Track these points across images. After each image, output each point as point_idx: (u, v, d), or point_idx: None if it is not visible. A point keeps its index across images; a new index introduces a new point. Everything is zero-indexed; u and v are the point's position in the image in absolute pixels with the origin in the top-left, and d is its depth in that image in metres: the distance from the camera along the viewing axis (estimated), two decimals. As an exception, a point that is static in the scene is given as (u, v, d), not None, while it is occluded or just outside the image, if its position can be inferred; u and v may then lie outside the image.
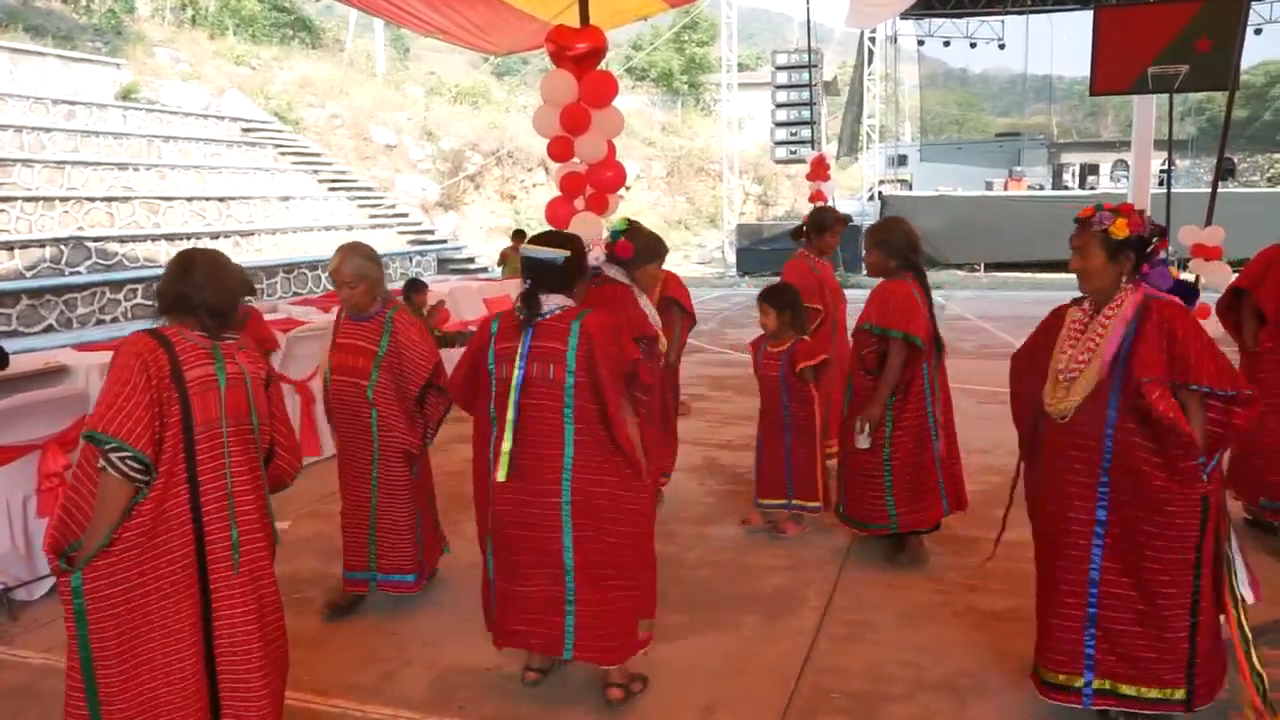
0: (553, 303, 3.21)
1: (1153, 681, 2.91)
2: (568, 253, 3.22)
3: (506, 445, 3.17)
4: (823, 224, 5.82)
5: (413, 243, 18.36)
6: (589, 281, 3.78)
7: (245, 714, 2.60)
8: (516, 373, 3.16)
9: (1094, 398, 2.90)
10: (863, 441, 4.32)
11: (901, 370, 4.28)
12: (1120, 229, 2.87)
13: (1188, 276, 5.79)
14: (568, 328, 3.14)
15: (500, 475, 3.19)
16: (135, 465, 2.43)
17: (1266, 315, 4.70)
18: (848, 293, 6.29)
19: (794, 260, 5.88)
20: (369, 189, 19.84)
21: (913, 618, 3.96)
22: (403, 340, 3.98)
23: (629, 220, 4.59)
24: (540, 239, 3.35)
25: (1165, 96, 16.03)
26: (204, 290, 2.59)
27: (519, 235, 13.76)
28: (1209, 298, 5.17)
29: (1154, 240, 2.92)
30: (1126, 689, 2.94)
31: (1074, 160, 28.02)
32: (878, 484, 4.40)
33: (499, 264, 14.32)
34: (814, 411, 4.85)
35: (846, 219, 6.01)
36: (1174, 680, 2.90)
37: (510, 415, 3.17)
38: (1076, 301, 3.11)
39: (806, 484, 4.89)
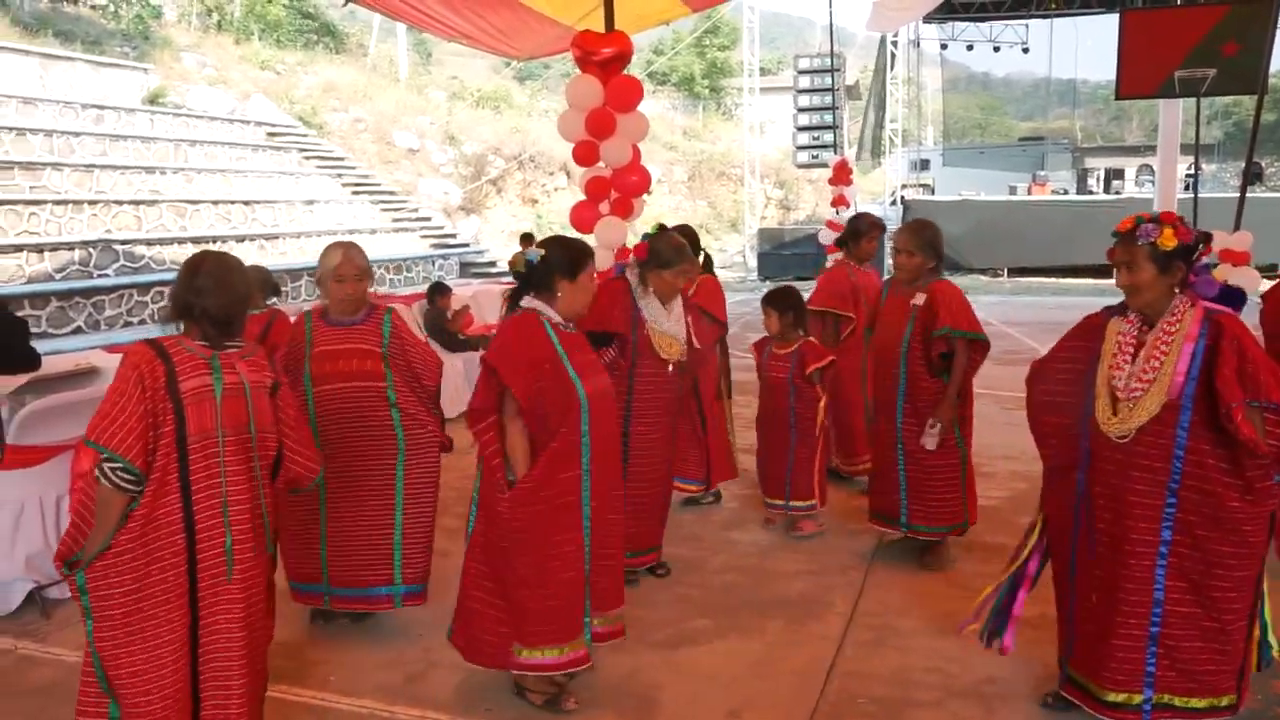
0: (524, 302, 3.28)
1: (1206, 692, 2.90)
2: (542, 252, 3.26)
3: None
4: (858, 231, 5.81)
5: (435, 246, 18.44)
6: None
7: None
8: None
9: (1160, 419, 2.82)
10: (930, 442, 4.32)
11: (970, 370, 4.37)
12: (1168, 239, 2.78)
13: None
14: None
15: None
16: (125, 475, 2.52)
17: None
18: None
19: (833, 268, 5.92)
20: (392, 193, 19.95)
21: (939, 624, 3.94)
22: (406, 338, 3.89)
23: (660, 225, 4.57)
24: (542, 242, 3.40)
25: (1192, 100, 15.94)
26: (206, 298, 2.64)
27: (527, 238, 13.63)
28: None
29: (1199, 247, 2.84)
30: (1179, 701, 2.93)
31: (1099, 165, 27.85)
32: (952, 485, 4.45)
33: (512, 268, 14.26)
34: (818, 413, 4.91)
35: (881, 224, 5.95)
36: (1227, 688, 2.91)
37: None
38: (1115, 312, 3.02)
39: (804, 485, 4.97)
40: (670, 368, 4.30)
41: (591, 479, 3.19)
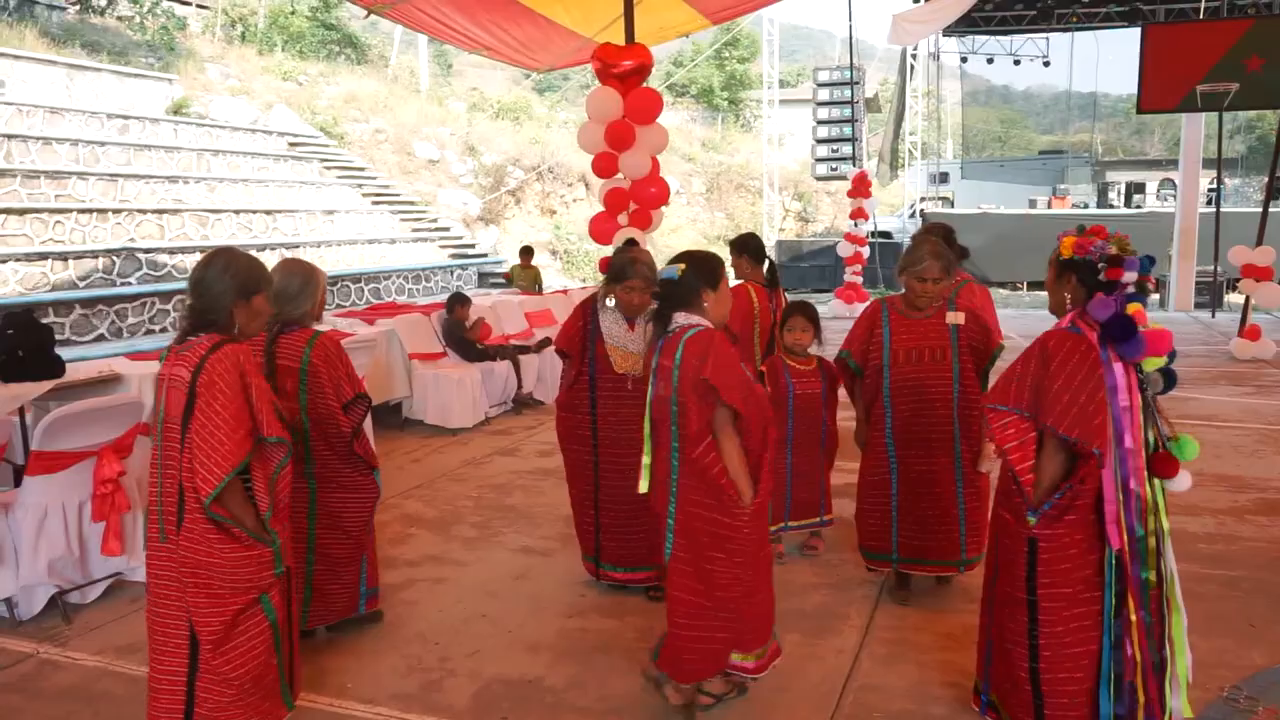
0: (678, 320, 3.20)
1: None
2: (682, 266, 3.21)
3: (645, 459, 3.30)
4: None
5: (454, 256, 18.54)
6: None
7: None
8: (650, 388, 3.29)
9: None
10: (991, 466, 4.12)
11: None
12: (1065, 248, 2.79)
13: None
14: (677, 345, 3.12)
15: (641, 487, 3.31)
16: None
17: None
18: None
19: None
20: (411, 203, 20.09)
21: (955, 639, 3.92)
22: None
23: (628, 240, 4.55)
24: (676, 257, 3.32)
25: (1214, 114, 15.86)
26: (189, 292, 2.89)
27: (527, 252, 13.62)
28: (1259, 318, 5.10)
29: (1101, 266, 2.70)
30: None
31: (1119, 178, 27.72)
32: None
33: (508, 280, 13.79)
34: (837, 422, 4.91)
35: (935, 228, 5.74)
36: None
37: (645, 430, 3.30)
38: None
39: (828, 498, 4.94)
40: (630, 384, 4.21)
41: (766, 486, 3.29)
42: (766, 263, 5.35)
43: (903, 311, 4.19)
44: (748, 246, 5.35)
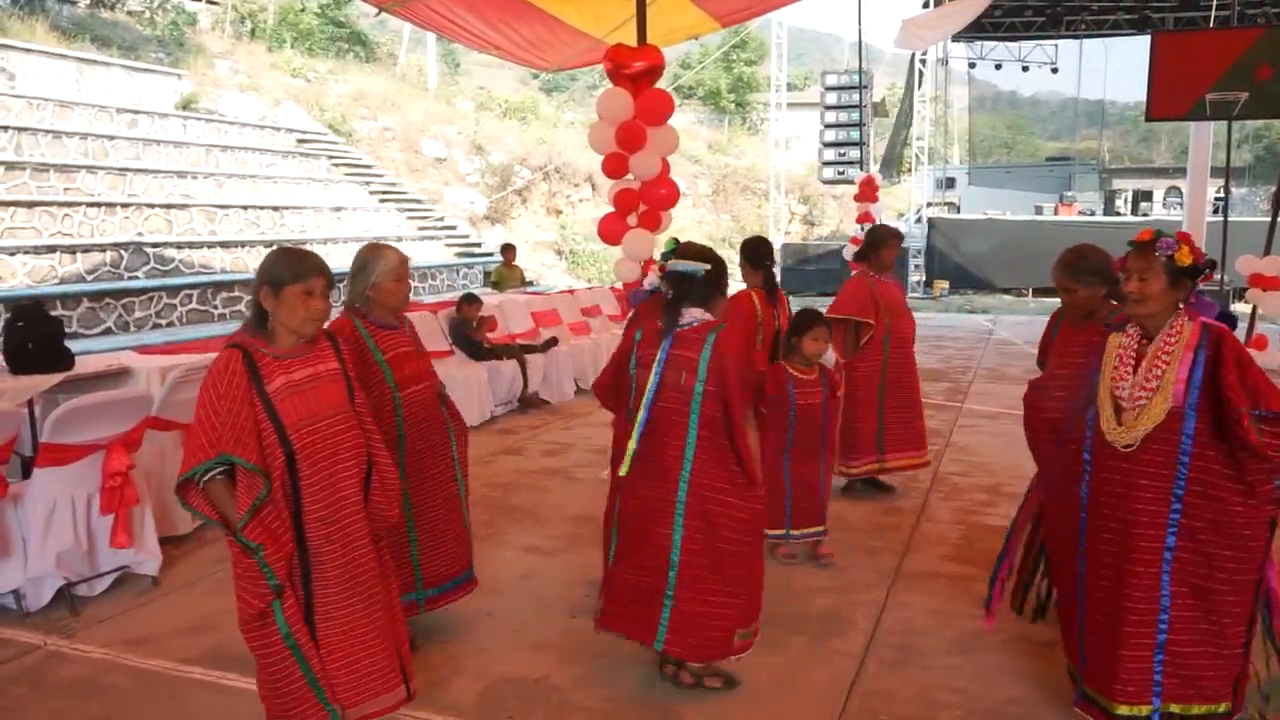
0: (692, 315, 3.41)
1: (1205, 698, 2.94)
2: (708, 266, 3.44)
3: (632, 444, 3.41)
4: (876, 241, 5.91)
5: (460, 255, 18.54)
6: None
7: None
8: (653, 377, 3.39)
9: (1165, 425, 2.89)
10: None
11: None
12: (1185, 256, 2.90)
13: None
14: (703, 339, 3.34)
15: (622, 470, 3.46)
16: None
17: None
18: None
19: (854, 278, 6.00)
20: (418, 201, 20.09)
21: (962, 644, 3.93)
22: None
23: (675, 240, 4.53)
24: (684, 253, 3.52)
25: (1222, 123, 15.84)
26: None
27: (509, 249, 13.52)
28: (1266, 328, 5.09)
29: (1206, 271, 2.95)
30: (1178, 709, 2.96)
31: (1127, 186, 27.73)
32: None
33: (493, 283, 13.24)
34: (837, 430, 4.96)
35: (898, 234, 6.09)
36: (1224, 694, 2.94)
37: (640, 416, 3.39)
38: (1114, 328, 3.10)
39: (826, 506, 4.93)
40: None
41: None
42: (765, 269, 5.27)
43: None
44: (745, 251, 5.24)
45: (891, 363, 5.84)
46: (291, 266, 2.73)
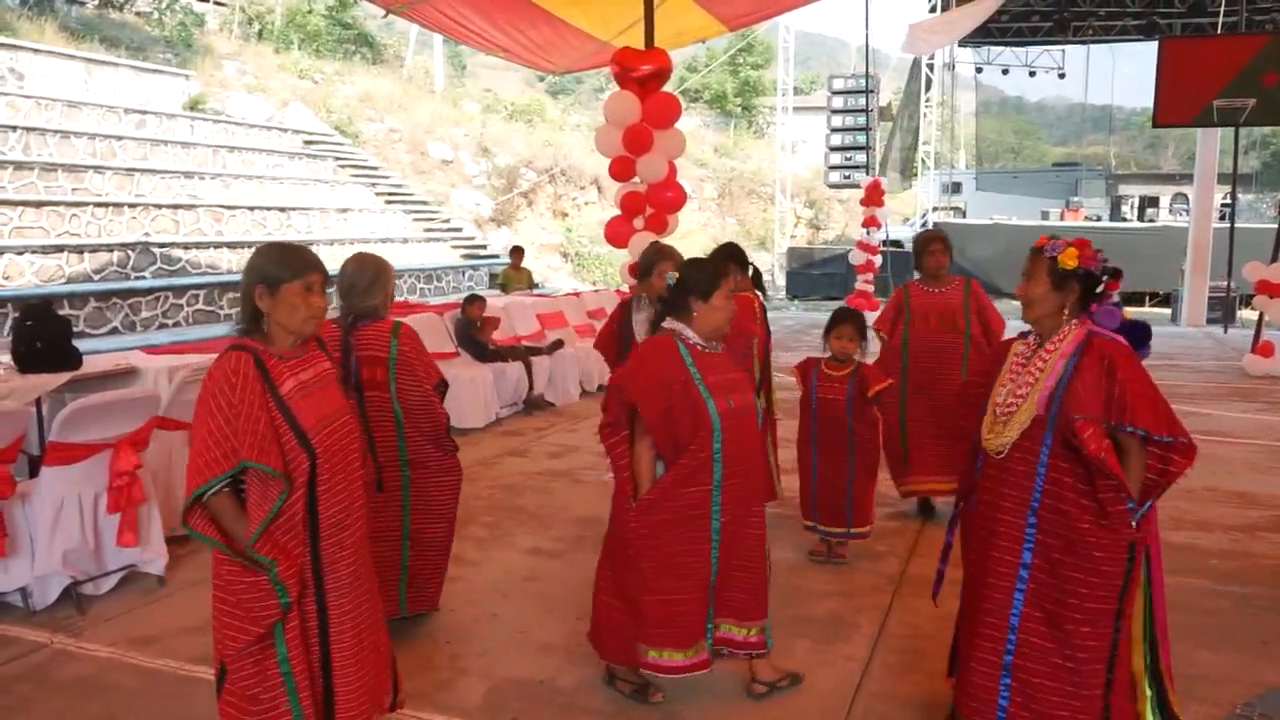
0: (665, 324, 3.41)
1: None
2: (676, 275, 3.39)
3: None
4: (916, 249, 5.63)
5: (465, 257, 18.58)
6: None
7: None
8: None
9: (1029, 434, 2.80)
10: None
11: None
12: (1069, 258, 2.80)
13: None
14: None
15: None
16: None
17: None
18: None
19: (898, 288, 5.76)
20: (424, 203, 20.14)
21: (967, 649, 3.92)
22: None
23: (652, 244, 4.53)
24: (680, 264, 3.54)
25: (1229, 129, 15.83)
26: None
27: (517, 252, 13.52)
28: (1273, 335, 5.09)
29: (1104, 279, 2.82)
30: None
31: (1133, 192, 27.69)
32: None
33: (500, 285, 13.41)
34: (878, 434, 4.83)
35: (934, 236, 5.60)
36: None
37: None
38: (1023, 335, 3.03)
39: (864, 511, 4.85)
40: None
41: (723, 494, 3.27)
42: (750, 269, 5.23)
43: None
44: (734, 255, 4.99)
45: (911, 373, 5.52)
46: (289, 263, 2.54)
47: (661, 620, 3.28)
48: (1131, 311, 2.89)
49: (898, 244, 22.08)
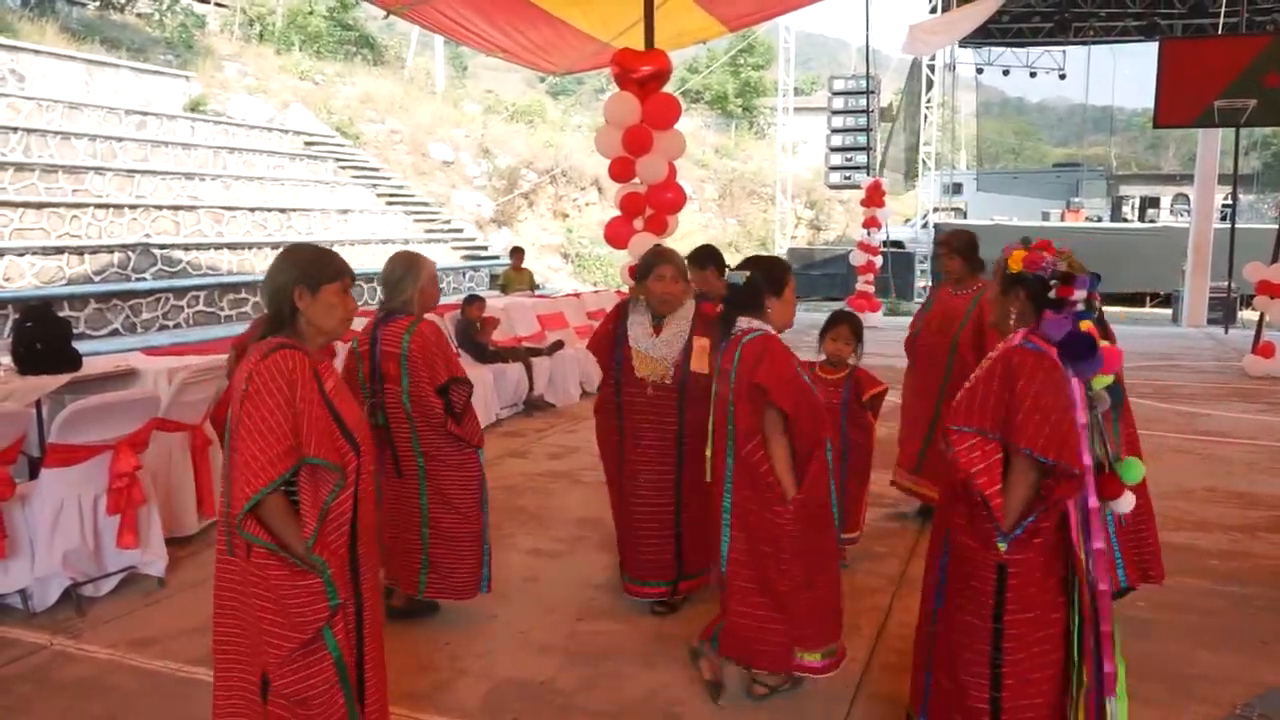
0: (740, 324, 3.40)
1: None
2: (747, 272, 3.41)
3: (708, 451, 3.52)
4: (935, 252, 5.63)
5: (466, 258, 18.57)
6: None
7: None
8: (714, 386, 3.49)
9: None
10: None
11: None
12: (1014, 262, 2.68)
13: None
14: (736, 348, 3.34)
15: (707, 476, 3.55)
16: None
17: None
18: (901, 320, 6.18)
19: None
20: (425, 204, 20.13)
21: (967, 650, 3.92)
22: None
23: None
24: (742, 264, 3.53)
25: (1230, 130, 15.83)
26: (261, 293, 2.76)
27: (518, 252, 13.52)
28: (1273, 335, 5.08)
29: (1052, 283, 2.61)
30: None
31: (1134, 193, 27.70)
32: None
33: (500, 286, 13.39)
34: (872, 439, 4.81)
35: (945, 239, 5.49)
36: None
37: (710, 425, 3.51)
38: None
39: (854, 517, 4.84)
40: (649, 389, 4.17)
41: (835, 484, 3.41)
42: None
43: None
44: (715, 259, 4.82)
45: (908, 373, 5.57)
46: (328, 263, 2.59)
47: (816, 617, 3.39)
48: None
49: (899, 245, 22.08)
